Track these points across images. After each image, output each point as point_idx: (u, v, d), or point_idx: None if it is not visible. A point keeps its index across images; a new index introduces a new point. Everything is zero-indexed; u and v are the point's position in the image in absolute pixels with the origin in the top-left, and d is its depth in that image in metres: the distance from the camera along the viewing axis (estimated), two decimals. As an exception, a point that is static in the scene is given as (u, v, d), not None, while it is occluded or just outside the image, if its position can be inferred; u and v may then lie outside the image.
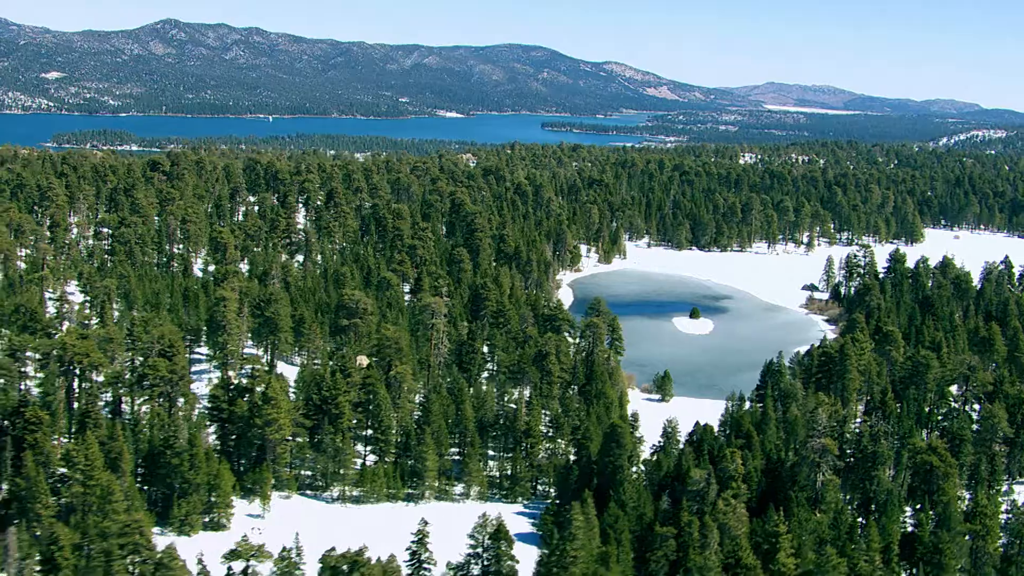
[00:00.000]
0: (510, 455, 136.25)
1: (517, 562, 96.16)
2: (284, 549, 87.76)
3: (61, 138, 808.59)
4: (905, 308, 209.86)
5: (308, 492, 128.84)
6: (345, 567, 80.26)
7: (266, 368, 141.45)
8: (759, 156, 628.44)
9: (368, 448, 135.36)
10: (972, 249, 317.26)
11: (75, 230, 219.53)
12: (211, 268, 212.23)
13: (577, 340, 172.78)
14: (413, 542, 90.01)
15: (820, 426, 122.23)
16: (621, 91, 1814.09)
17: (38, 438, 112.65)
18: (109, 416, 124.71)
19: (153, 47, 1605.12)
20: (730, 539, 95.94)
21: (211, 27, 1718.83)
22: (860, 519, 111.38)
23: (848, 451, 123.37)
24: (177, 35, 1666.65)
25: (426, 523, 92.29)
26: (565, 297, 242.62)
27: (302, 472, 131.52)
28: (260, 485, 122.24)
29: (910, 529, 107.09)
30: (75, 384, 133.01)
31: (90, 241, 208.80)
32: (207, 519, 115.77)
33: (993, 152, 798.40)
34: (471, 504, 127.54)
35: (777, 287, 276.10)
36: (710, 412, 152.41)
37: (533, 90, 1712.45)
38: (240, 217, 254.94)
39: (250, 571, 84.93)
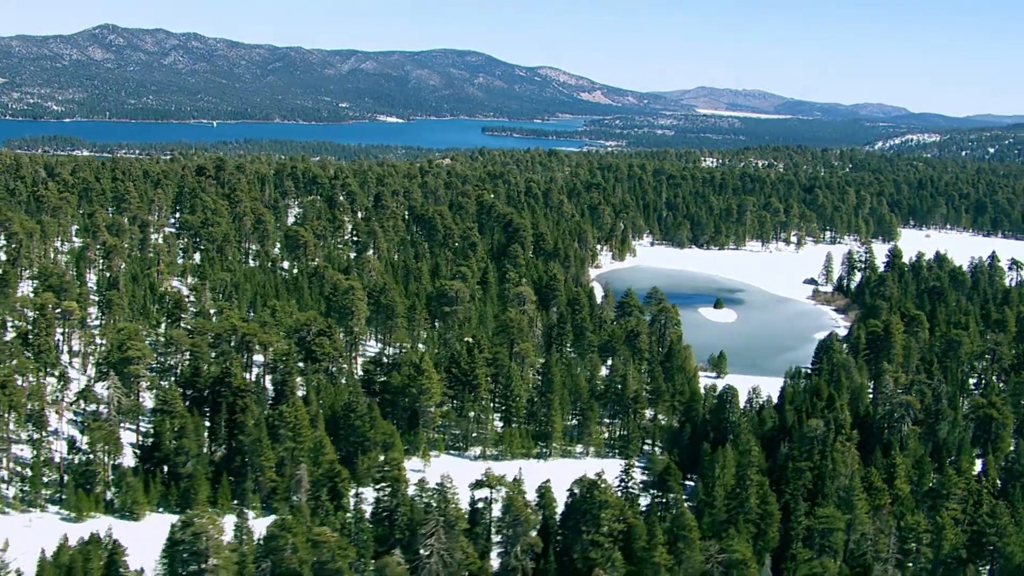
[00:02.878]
0: (614, 420, 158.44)
1: (682, 492, 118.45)
2: (515, 479, 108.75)
3: (12, 143, 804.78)
4: (911, 297, 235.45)
5: (452, 451, 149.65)
6: (584, 489, 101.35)
7: (409, 348, 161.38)
8: (720, 160, 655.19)
9: (496, 415, 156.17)
10: (943, 246, 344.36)
11: (153, 230, 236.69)
12: (285, 264, 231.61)
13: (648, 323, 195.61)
14: (623, 471, 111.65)
15: (888, 388, 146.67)
16: (556, 96, 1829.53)
17: (247, 402, 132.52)
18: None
19: (92, 52, 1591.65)
20: (848, 474, 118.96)
21: (149, 32, 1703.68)
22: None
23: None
24: (115, 40, 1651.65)
25: (630, 455, 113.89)
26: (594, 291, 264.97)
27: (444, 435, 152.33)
28: (416, 445, 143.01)
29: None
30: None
31: (180, 241, 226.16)
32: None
33: (929, 155, 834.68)
34: (590, 460, 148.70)
35: (779, 281, 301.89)
36: (763, 386, 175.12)
37: (470, 95, 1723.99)
38: (292, 218, 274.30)
39: (492, 497, 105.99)
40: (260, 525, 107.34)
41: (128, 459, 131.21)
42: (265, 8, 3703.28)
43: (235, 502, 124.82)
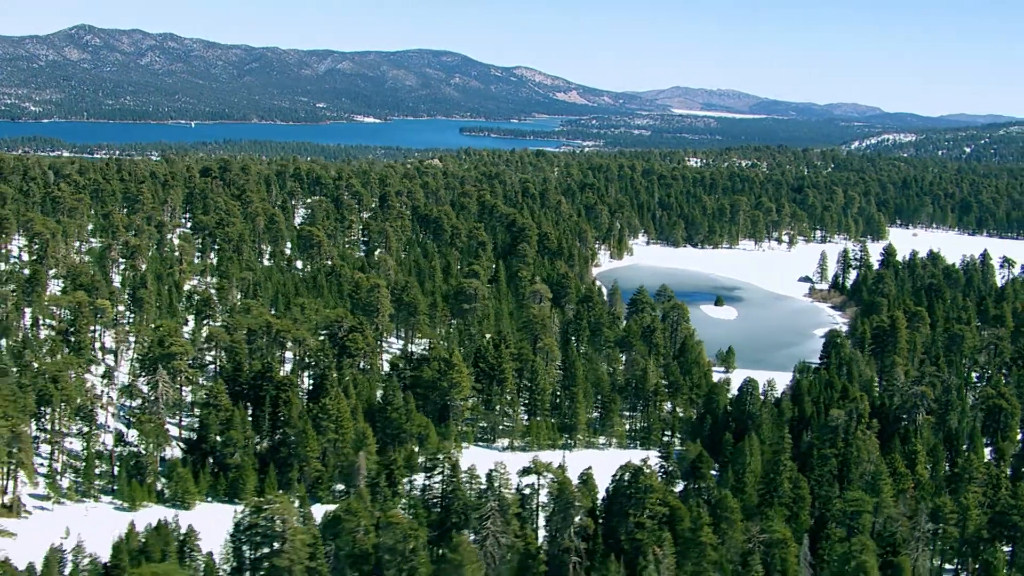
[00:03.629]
0: (634, 412, 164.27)
1: (713, 477, 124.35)
2: (559, 465, 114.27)
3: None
4: (907, 294, 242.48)
5: (480, 443, 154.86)
6: (630, 475, 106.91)
7: (438, 344, 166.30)
8: (704, 160, 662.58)
9: (521, 408, 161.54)
10: (931, 245, 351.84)
11: (168, 230, 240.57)
12: (298, 263, 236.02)
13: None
14: (660, 458, 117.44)
15: (899, 381, 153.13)
16: (532, 96, 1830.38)
17: (289, 396, 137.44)
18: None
19: (68, 53, 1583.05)
20: (871, 460, 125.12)
21: (125, 33, 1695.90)
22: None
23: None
24: (92, 41, 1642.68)
25: (654, 445, 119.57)
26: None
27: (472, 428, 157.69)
28: (447, 437, 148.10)
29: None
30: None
31: (196, 241, 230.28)
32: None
33: (906, 155, 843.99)
34: (613, 451, 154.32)
35: (775, 279, 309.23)
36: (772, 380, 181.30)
37: (446, 95, 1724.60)
38: (298, 219, 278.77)
39: (539, 483, 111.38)
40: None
41: (173, 451, 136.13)
42: (240, 8, 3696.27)
43: (280, 491, 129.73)
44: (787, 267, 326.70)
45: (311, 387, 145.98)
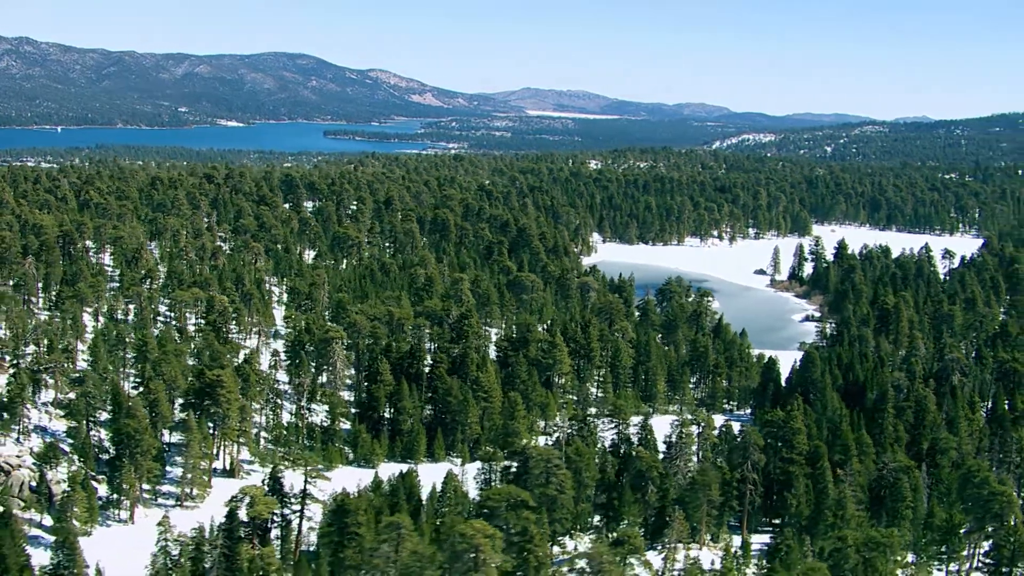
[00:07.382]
0: (696, 384, 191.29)
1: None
2: (703, 418, 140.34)
3: None
4: (870, 284, 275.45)
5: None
6: (779, 421, 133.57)
7: (536, 327, 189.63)
8: (602, 162, 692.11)
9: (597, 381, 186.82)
10: (849, 239, 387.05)
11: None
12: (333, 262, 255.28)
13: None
14: (786, 414, 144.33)
15: (919, 352, 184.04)
16: (388, 98, 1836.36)
17: (441, 371, 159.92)
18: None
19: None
20: (933, 411, 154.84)
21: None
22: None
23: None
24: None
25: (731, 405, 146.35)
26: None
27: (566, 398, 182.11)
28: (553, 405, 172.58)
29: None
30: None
31: (228, 244, 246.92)
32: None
33: (769, 154, 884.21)
34: (685, 417, 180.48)
35: (731, 272, 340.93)
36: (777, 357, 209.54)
37: (304, 98, 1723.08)
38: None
39: (699, 432, 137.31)
40: (471, 469, 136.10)
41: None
42: (94, 10, 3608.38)
43: (447, 452, 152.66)
44: (736, 261, 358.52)
45: (449, 364, 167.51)
